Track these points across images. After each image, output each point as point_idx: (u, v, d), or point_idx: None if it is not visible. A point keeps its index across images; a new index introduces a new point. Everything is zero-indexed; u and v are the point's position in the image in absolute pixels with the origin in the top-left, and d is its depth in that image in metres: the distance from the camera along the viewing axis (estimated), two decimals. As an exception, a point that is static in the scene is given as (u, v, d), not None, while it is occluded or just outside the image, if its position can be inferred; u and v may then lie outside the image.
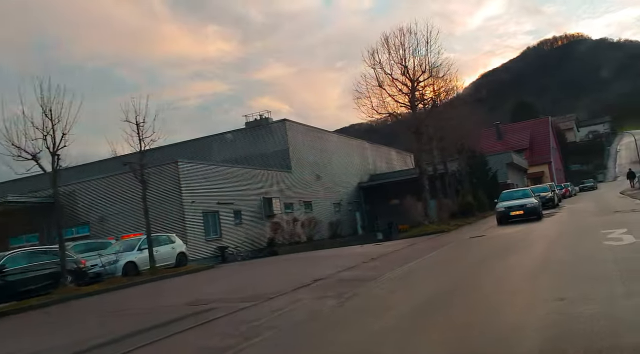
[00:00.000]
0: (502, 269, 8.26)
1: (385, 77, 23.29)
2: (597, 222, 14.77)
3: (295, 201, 33.41)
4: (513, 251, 10.43)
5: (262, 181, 30.48)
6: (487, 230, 18.40)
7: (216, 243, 25.69)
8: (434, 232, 20.32)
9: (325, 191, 37.48)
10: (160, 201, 24.37)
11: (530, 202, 19.81)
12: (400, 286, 8.23)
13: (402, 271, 9.84)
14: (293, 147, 34.03)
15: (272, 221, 29.75)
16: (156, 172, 24.74)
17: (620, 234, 10.87)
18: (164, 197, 24.31)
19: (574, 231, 12.94)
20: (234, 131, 35.87)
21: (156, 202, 24.39)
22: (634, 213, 16.82)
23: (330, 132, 40.58)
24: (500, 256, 10.08)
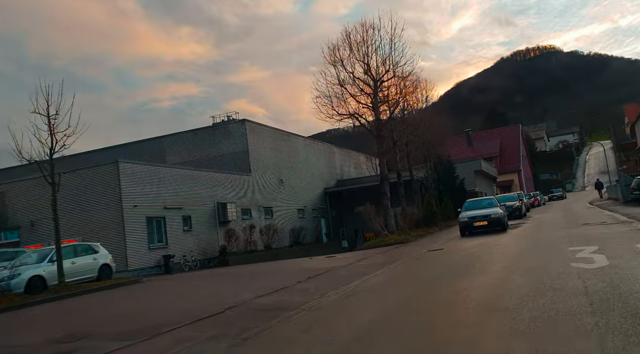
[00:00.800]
0: (446, 300, 6.64)
1: (347, 76, 21.75)
2: (564, 236, 13.41)
3: (254, 207, 31.52)
4: (466, 273, 8.86)
5: (217, 185, 28.52)
6: (447, 242, 16.94)
7: (161, 252, 23.60)
8: (393, 243, 18.78)
9: (289, 196, 35.70)
10: (97, 206, 22.26)
11: (494, 212, 18.45)
12: (322, 320, 6.51)
13: (335, 296, 8.14)
14: (253, 149, 32.17)
15: (226, 227, 27.78)
16: (92, 174, 22.69)
17: (590, 253, 9.44)
18: (102, 201, 22.17)
19: (538, 248, 11.50)
20: (191, 131, 33.81)
21: (92, 207, 22.31)
22: (603, 226, 15.57)
23: (296, 135, 38.83)
24: (450, 279, 8.50)
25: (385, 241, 19.22)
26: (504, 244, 13.40)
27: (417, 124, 31.29)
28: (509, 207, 26.25)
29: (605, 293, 5.84)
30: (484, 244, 14.02)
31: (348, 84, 21.84)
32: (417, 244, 18.43)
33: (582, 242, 11.48)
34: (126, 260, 21.71)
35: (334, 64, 21.65)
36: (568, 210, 30.27)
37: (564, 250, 10.47)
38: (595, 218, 20.05)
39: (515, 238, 15.26)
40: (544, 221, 22.68)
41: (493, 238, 15.84)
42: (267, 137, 34.16)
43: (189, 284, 13.58)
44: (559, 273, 7.65)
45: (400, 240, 19.21)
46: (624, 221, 16.91)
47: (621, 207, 25.30)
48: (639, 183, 26.76)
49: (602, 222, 17.27)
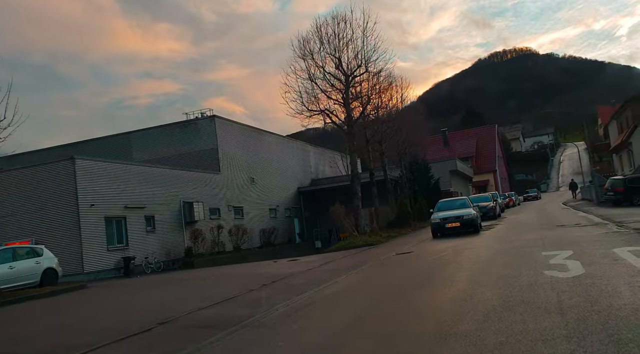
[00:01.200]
0: (401, 319, 5.78)
1: (317, 71, 20.85)
2: (538, 239, 12.77)
3: (223, 206, 30.41)
4: (430, 282, 8.08)
5: (184, 183, 27.34)
6: (417, 244, 16.22)
7: (121, 253, 22.37)
8: (362, 245, 17.98)
9: (260, 195, 34.66)
10: (52, 205, 20.92)
11: (467, 213, 17.80)
12: (259, 342, 5.59)
13: (284, 308, 7.25)
14: (223, 146, 31.04)
15: (192, 228, 26.63)
16: (47, 171, 21.35)
17: (564, 259, 8.74)
18: (57, 200, 20.84)
19: (510, 252, 10.79)
20: (160, 127, 32.50)
21: (47, 206, 20.97)
22: (578, 229, 15.03)
23: (269, 133, 37.76)
24: (412, 290, 7.67)
25: (355, 242, 18.41)
26: (475, 248, 12.69)
27: (391, 122, 30.67)
28: (482, 207, 25.76)
29: (582, 309, 5.06)
30: (454, 248, 13.29)
31: (319, 79, 21.01)
32: (387, 246, 17.66)
33: (556, 246, 10.82)
34: (82, 262, 20.47)
35: (304, 58, 20.76)
36: (542, 211, 29.98)
37: (536, 255, 9.77)
38: (569, 219, 19.60)
39: (487, 241, 14.60)
40: (518, 222, 22.19)
41: (465, 241, 15.15)
42: (238, 134, 33.06)
43: (136, 291, 12.51)
44: (530, 283, 6.89)
45: (371, 242, 18.42)
46: (599, 222, 16.43)
47: (595, 208, 25.04)
48: (613, 184, 26.55)
49: (576, 224, 16.77)
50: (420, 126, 38.23)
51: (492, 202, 27.09)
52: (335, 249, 18.25)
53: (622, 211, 20.62)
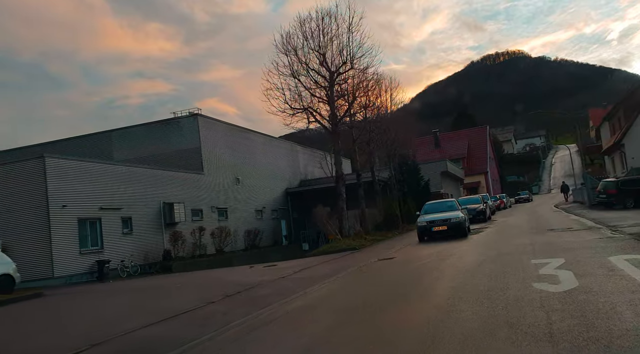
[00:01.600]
0: (363, 347, 4.91)
1: (301, 67, 19.97)
2: (528, 245, 11.99)
3: (206, 207, 29.44)
4: (406, 296, 7.25)
5: (164, 183, 26.36)
6: (402, 249, 15.42)
7: (95, 256, 21.36)
8: (345, 249, 17.13)
9: (246, 196, 33.71)
10: (21, 205, 19.88)
11: (455, 216, 17.00)
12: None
13: (237, 328, 6.37)
14: (206, 146, 30.07)
15: (173, 230, 25.66)
16: (16, 170, 20.33)
17: (556, 268, 7.94)
18: (26, 201, 19.81)
19: (498, 260, 9.98)
20: (141, 125, 31.50)
21: (16, 207, 19.94)
22: (570, 233, 14.27)
23: (255, 132, 36.82)
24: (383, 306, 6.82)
25: (338, 246, 17.56)
26: (461, 254, 11.87)
27: (380, 122, 29.89)
28: (472, 210, 25.02)
29: (576, 336, 4.24)
30: (439, 253, 12.48)
31: (302, 75, 20.13)
32: (371, 250, 16.82)
33: (547, 253, 10.03)
34: (52, 266, 19.45)
35: (287, 54, 19.88)
36: (533, 213, 29.29)
37: (526, 263, 8.97)
38: (561, 223, 18.88)
39: (474, 246, 13.79)
40: (508, 225, 21.44)
41: (451, 245, 14.35)
42: (223, 133, 32.10)
43: (92, 301, 11.55)
44: (517, 299, 6.07)
45: (354, 246, 17.57)
46: (592, 226, 15.70)
47: (587, 211, 24.37)
48: (605, 186, 25.91)
49: (568, 228, 16.03)
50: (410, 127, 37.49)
51: (482, 204, 26.34)
52: (317, 253, 17.40)
53: (615, 214, 19.95)
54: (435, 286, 7.70)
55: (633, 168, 29.59)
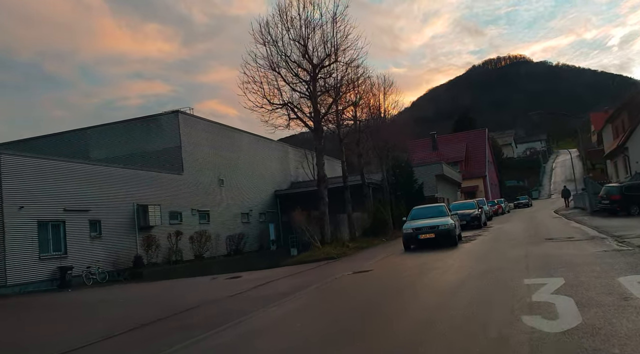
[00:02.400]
0: None
1: (280, 59, 18.39)
2: (522, 258, 10.40)
3: (186, 210, 27.83)
4: (364, 329, 5.65)
5: (139, 184, 24.78)
6: (383, 259, 13.85)
7: (57, 262, 19.77)
8: (322, 259, 15.52)
9: (230, 198, 32.10)
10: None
11: (443, 223, 15.40)
12: None
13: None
14: (188, 145, 28.49)
15: (147, 234, 24.06)
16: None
17: (553, 293, 6.35)
18: (-21, 201, 18.20)
19: (485, 277, 8.39)
20: (120, 122, 29.92)
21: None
22: (571, 244, 12.67)
23: (241, 131, 35.19)
24: (329, 346, 5.21)
25: (315, 255, 15.95)
26: (445, 268, 10.27)
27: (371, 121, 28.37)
28: (466, 215, 23.45)
29: None
30: (421, 266, 10.89)
31: (282, 68, 18.55)
32: (350, 260, 15.21)
33: (544, 270, 8.45)
34: (5, 273, 17.85)
35: (265, 44, 18.28)
36: (532, 220, 27.68)
37: (517, 284, 7.38)
38: (560, 231, 17.28)
39: (462, 258, 12.19)
40: (504, 233, 19.83)
41: (437, 256, 12.76)
42: (206, 131, 30.51)
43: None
44: (499, 342, 4.48)
45: (334, 254, 15.95)
46: (595, 236, 14.10)
47: (589, 218, 22.78)
48: (608, 192, 24.34)
49: (568, 237, 14.42)
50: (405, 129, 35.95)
51: (477, 209, 24.70)
52: (293, 262, 15.78)
53: (619, 223, 18.37)
54: (402, 314, 6.13)
55: (638, 172, 27.99)
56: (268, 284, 10.85)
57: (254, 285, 10.83)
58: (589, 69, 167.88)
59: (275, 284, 10.75)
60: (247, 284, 11.08)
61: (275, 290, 9.79)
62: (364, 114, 26.95)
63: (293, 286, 10.16)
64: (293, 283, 10.80)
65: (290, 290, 9.47)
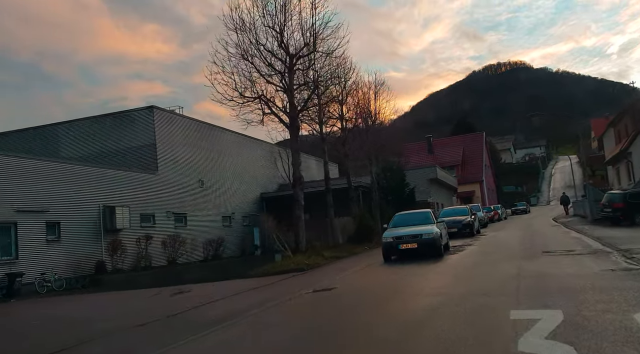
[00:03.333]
0: None
1: (253, 47, 16.64)
2: (512, 278, 8.66)
3: (160, 212, 26.04)
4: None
5: (107, 184, 23.00)
6: (354, 273, 12.14)
7: (6, 268, 17.98)
8: (291, 270, 13.74)
9: (211, 200, 30.30)
10: None
11: (427, 232, 13.64)
12: None
13: None
14: (163, 143, 26.70)
15: (114, 237, 22.27)
16: None
17: (546, 339, 4.59)
18: None
19: (462, 307, 6.66)
20: (92, 117, 28.15)
21: None
22: (570, 258, 10.94)
23: (224, 130, 33.37)
24: None
25: (284, 266, 14.18)
26: (419, 288, 8.54)
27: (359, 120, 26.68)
28: (457, 222, 21.73)
29: None
30: (392, 284, 9.17)
31: (255, 58, 16.81)
32: (320, 273, 13.44)
33: (537, 298, 6.71)
34: (-57, 280, 16.10)
35: (237, 30, 16.54)
36: (529, 228, 25.94)
37: (501, 318, 5.64)
38: (559, 242, 15.54)
39: (444, 274, 10.45)
40: (497, 243, 18.08)
41: (416, 271, 11.03)
42: (185, 129, 28.74)
43: None
44: None
45: (304, 266, 14.17)
46: (598, 249, 12.35)
47: (590, 227, 21.05)
48: (611, 199, 22.63)
49: (568, 250, 12.67)
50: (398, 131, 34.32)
51: (470, 216, 22.92)
52: (257, 274, 14.00)
53: (624, 233, 16.64)
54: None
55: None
56: (213, 304, 9.09)
57: (198, 303, 9.11)
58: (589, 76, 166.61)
59: (221, 304, 8.99)
60: (190, 302, 9.35)
61: (215, 312, 8.05)
62: (350, 112, 25.21)
63: (236, 308, 8.41)
64: (239, 303, 9.05)
65: (228, 314, 7.72)
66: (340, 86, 22.09)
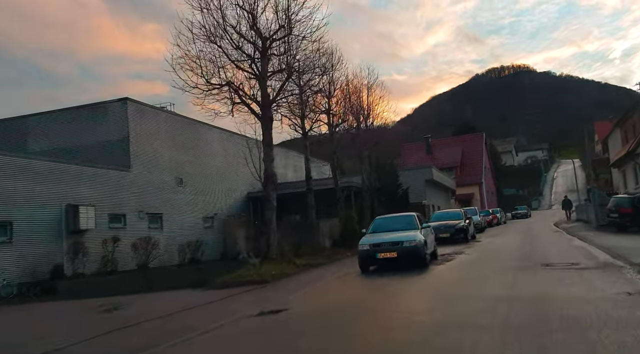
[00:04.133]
0: None
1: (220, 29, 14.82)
2: (502, 302, 6.83)
3: (132, 212, 24.21)
4: None
5: (71, 181, 21.17)
6: (316, 289, 10.36)
7: (-53, 272, 16.22)
8: (252, 282, 11.88)
9: (190, 200, 28.45)
10: None
11: (409, 239, 11.79)
12: None
13: None
14: (138, 137, 24.85)
15: (77, 239, 20.46)
16: None
17: None
18: None
19: (428, 347, 4.79)
20: (65, 109, 26.38)
21: None
22: (575, 274, 9.12)
23: (209, 126, 31.43)
24: None
25: (245, 276, 12.33)
26: (385, 315, 6.75)
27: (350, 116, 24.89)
28: (449, 227, 19.89)
29: None
30: (357, 306, 7.36)
31: (224, 40, 15.00)
32: (283, 285, 11.61)
33: (531, 340, 4.87)
34: None
35: (202, 10, 14.72)
36: (529, 233, 24.09)
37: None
38: (561, 252, 13.70)
39: (422, 293, 8.63)
40: (492, 251, 16.23)
41: (391, 287, 9.24)
42: (162, 124, 26.89)
43: None
44: None
45: (269, 276, 12.31)
46: (607, 262, 10.52)
47: (595, 234, 19.18)
48: (618, 203, 20.79)
49: (572, 263, 10.82)
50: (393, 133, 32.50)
51: (464, 220, 21.03)
52: (217, 285, 12.12)
53: (634, 242, 14.79)
54: None
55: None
56: (135, 327, 7.27)
57: (120, 324, 7.32)
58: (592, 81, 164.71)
59: (141, 330, 7.17)
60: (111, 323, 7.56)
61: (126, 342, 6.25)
62: (338, 106, 23.40)
63: (152, 336, 6.59)
64: (163, 328, 7.23)
65: (132, 349, 5.90)
66: (327, 77, 20.30)
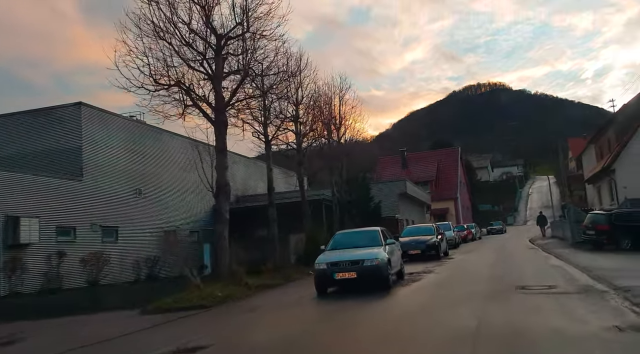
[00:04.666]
0: None
1: (170, 24, 13.51)
2: (468, 337, 5.63)
3: (84, 225, 22.39)
4: None
5: (12, 191, 19.37)
6: (259, 317, 9.01)
7: None
8: (191, 307, 10.43)
9: (150, 213, 26.68)
10: None
11: (371, 257, 10.53)
12: None
13: None
14: (92, 145, 23.15)
15: (16, 253, 18.62)
16: None
17: None
18: None
19: None
20: (13, 114, 24.52)
21: None
22: (553, 301, 7.98)
23: (171, 133, 29.83)
24: None
25: (186, 300, 10.86)
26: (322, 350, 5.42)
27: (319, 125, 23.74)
28: (420, 243, 18.76)
29: None
30: (294, 343, 5.99)
31: (174, 37, 13.67)
32: (225, 311, 10.20)
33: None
34: None
35: (150, 3, 13.33)
36: (503, 250, 23.12)
37: None
38: (538, 272, 12.64)
39: (378, 325, 7.34)
40: (463, 270, 15.09)
41: (344, 316, 7.95)
42: (120, 131, 25.19)
43: None
44: None
45: (213, 300, 10.85)
46: (588, 286, 9.43)
47: (571, 252, 18.28)
48: (594, 220, 19.97)
49: (549, 286, 9.70)
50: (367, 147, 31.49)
51: (436, 236, 19.89)
52: (151, 310, 10.64)
53: (612, 261, 13.87)
54: None
55: (627, 199, 23.76)
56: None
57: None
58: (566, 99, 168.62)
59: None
60: None
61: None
62: (308, 114, 22.22)
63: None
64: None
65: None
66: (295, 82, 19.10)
